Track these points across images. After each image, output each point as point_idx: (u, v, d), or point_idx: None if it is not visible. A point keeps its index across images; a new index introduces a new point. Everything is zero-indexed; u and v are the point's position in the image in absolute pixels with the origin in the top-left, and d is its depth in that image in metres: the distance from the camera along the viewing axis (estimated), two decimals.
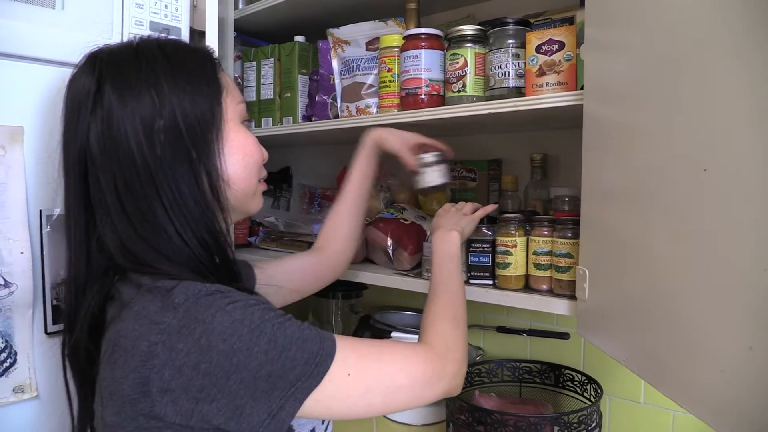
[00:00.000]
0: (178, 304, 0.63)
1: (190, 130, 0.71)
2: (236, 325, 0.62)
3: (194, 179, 0.72)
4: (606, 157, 0.82)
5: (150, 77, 0.71)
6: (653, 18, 0.70)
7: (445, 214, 1.11)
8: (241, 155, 0.78)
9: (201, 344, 0.60)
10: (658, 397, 1.20)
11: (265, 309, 0.65)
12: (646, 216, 0.71)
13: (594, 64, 0.86)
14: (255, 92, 1.60)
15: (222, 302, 0.64)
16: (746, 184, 0.54)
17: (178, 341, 0.61)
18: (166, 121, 0.70)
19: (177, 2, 1.11)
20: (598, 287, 0.87)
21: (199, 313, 0.62)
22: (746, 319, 0.55)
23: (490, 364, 1.34)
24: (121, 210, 0.70)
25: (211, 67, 0.78)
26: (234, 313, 0.63)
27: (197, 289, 0.65)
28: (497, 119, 1.13)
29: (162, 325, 0.62)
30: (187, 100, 0.72)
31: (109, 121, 0.69)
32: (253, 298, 0.67)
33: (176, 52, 0.75)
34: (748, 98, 0.54)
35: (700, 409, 0.62)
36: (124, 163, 0.69)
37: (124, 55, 0.73)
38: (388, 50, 1.24)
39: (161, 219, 0.70)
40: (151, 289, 0.67)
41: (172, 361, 0.60)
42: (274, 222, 1.64)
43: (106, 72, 0.71)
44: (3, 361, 0.89)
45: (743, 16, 0.55)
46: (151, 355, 0.61)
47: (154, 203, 0.70)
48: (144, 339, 0.62)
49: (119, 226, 0.70)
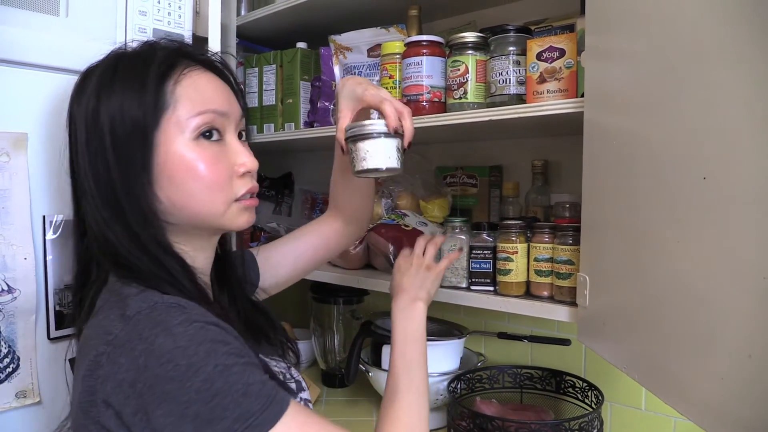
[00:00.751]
0: (129, 316, 0.61)
1: (116, 142, 0.69)
2: (177, 352, 0.58)
3: (110, 187, 0.70)
4: (606, 163, 0.82)
5: (101, 80, 0.71)
6: (653, 26, 0.70)
7: (406, 270, 0.99)
8: (181, 176, 0.71)
9: (139, 363, 0.58)
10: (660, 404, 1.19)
11: (218, 343, 0.60)
12: (646, 224, 0.71)
13: (594, 72, 0.87)
14: (257, 98, 1.61)
15: (173, 321, 0.60)
16: (745, 192, 0.55)
17: (120, 355, 0.59)
18: (98, 126, 0.69)
19: (180, 9, 1.12)
20: (598, 294, 0.87)
21: (144, 329, 0.59)
22: (745, 327, 0.55)
23: (492, 370, 1.34)
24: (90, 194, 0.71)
25: (156, 76, 0.71)
26: (179, 338, 0.59)
27: (153, 300, 0.63)
28: (498, 126, 1.13)
29: (110, 335, 0.61)
30: (116, 107, 0.69)
31: (70, 116, 0.74)
32: (214, 328, 0.62)
33: (136, 57, 0.73)
34: (748, 106, 0.55)
35: (700, 415, 0.62)
36: (83, 151, 0.71)
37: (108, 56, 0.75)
38: (390, 57, 1.24)
39: (93, 207, 0.71)
40: (118, 295, 0.66)
41: (114, 375, 0.59)
42: (276, 227, 1.65)
43: (97, 68, 0.74)
44: (6, 366, 0.89)
45: (743, 23, 0.56)
46: (98, 364, 0.60)
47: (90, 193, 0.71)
48: (94, 348, 0.61)
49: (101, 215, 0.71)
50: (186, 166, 0.71)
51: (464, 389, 1.30)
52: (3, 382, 0.89)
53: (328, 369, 1.66)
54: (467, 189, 1.43)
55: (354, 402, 1.53)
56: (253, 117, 1.62)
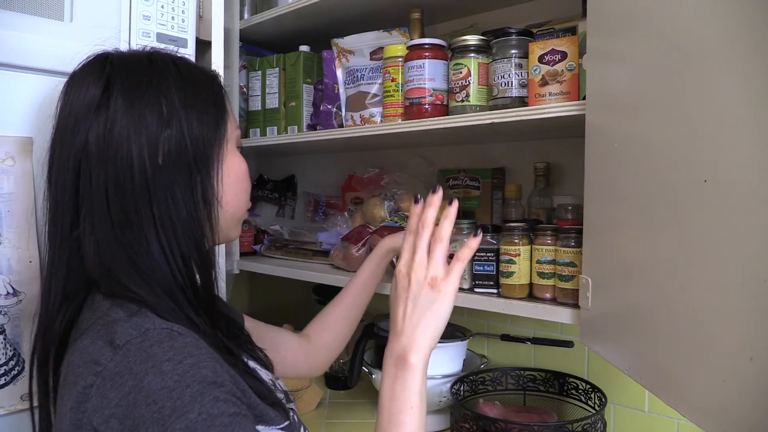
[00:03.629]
0: (119, 345, 0.59)
1: (195, 146, 0.72)
2: (163, 393, 0.56)
3: (190, 193, 0.71)
4: (608, 166, 0.83)
5: (161, 88, 0.71)
6: (655, 28, 0.70)
7: (402, 290, 0.82)
8: (235, 179, 0.79)
9: (129, 399, 0.56)
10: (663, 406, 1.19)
11: (209, 386, 0.58)
12: (648, 225, 0.72)
13: (596, 74, 0.87)
14: (260, 101, 1.61)
15: (163, 356, 0.58)
16: (746, 195, 0.55)
17: (110, 389, 0.57)
18: (172, 133, 0.70)
19: (183, 13, 1.12)
20: (601, 296, 0.87)
21: (135, 363, 0.57)
22: (747, 329, 0.55)
23: (494, 372, 1.34)
24: (105, 212, 0.67)
25: (218, 89, 0.79)
26: (167, 378, 0.57)
27: (144, 327, 0.60)
28: (500, 128, 1.14)
29: (99, 366, 0.58)
30: (195, 116, 0.72)
31: (112, 123, 0.68)
32: (206, 365, 0.60)
33: (188, 68, 0.76)
34: (749, 109, 0.55)
35: (702, 417, 0.62)
36: (120, 165, 0.67)
37: (137, 61, 0.73)
38: (393, 60, 1.25)
39: (146, 227, 0.68)
40: (105, 318, 0.63)
41: (102, 409, 0.56)
42: (279, 230, 1.65)
43: (117, 75, 0.71)
44: (11, 369, 0.90)
45: (744, 26, 0.56)
46: (86, 397, 0.58)
47: (143, 209, 0.68)
48: (82, 378, 0.59)
49: (99, 228, 0.68)
50: (238, 169, 0.79)
51: (467, 391, 1.30)
52: (8, 385, 0.89)
53: (332, 371, 1.66)
54: (470, 191, 1.43)
55: (357, 404, 1.53)
56: (256, 120, 1.63)
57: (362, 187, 1.62)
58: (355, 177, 1.68)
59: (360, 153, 1.77)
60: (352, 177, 1.69)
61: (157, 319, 0.63)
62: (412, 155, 1.57)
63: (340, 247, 1.41)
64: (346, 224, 1.52)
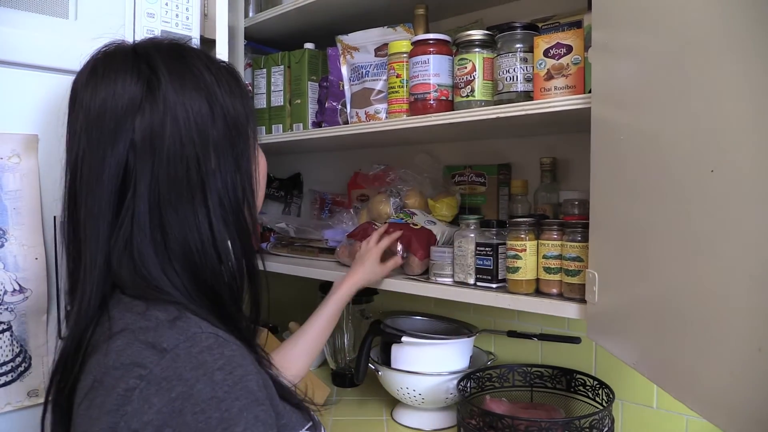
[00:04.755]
0: (166, 349, 0.57)
1: (237, 130, 0.72)
2: (212, 402, 0.55)
3: (238, 179, 0.72)
4: (614, 159, 0.82)
5: (200, 74, 0.70)
6: (660, 21, 0.70)
7: None
8: (263, 173, 0.80)
9: (174, 407, 0.54)
10: (671, 402, 1.19)
11: (254, 402, 0.58)
12: (655, 218, 0.71)
13: (601, 68, 0.86)
14: (265, 99, 1.61)
15: (214, 364, 0.57)
16: (754, 185, 0.54)
17: (155, 394, 0.55)
18: (216, 116, 0.70)
19: (188, 11, 1.12)
20: (607, 290, 0.86)
21: (185, 369, 0.56)
22: (755, 321, 0.55)
23: (501, 368, 1.34)
24: (153, 207, 0.65)
25: (242, 81, 0.77)
26: (218, 388, 0.55)
27: (191, 331, 0.59)
28: (506, 123, 1.13)
29: (144, 369, 0.56)
30: (231, 107, 0.72)
31: (163, 114, 0.66)
32: (253, 377, 0.59)
33: (212, 58, 0.76)
34: (755, 99, 0.54)
35: (710, 411, 0.61)
36: (173, 156, 0.66)
37: (168, 50, 0.71)
38: (397, 56, 1.24)
39: (199, 215, 0.67)
40: (143, 320, 0.61)
41: (142, 414, 0.54)
42: (285, 228, 1.65)
43: (157, 64, 0.68)
44: (18, 365, 0.90)
45: (749, 19, 0.55)
46: (127, 400, 0.55)
47: (197, 198, 0.67)
48: (123, 381, 0.56)
49: (139, 228, 0.65)
50: (264, 165, 0.81)
51: (474, 388, 1.29)
52: (15, 381, 0.90)
53: (338, 368, 1.66)
54: (476, 187, 1.42)
55: (364, 401, 1.53)
56: (261, 118, 1.63)
57: (368, 184, 1.62)
58: (360, 174, 1.68)
59: (365, 150, 1.77)
60: (358, 174, 1.69)
61: (202, 322, 0.61)
62: (418, 152, 1.57)
63: (346, 244, 1.41)
64: (351, 221, 1.52)
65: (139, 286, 0.65)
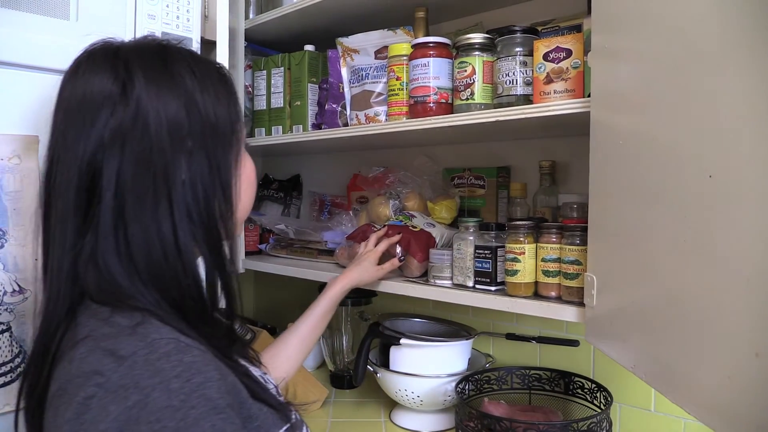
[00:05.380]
0: (124, 356, 0.56)
1: (214, 136, 0.69)
2: (168, 411, 0.53)
3: (212, 186, 0.69)
4: (613, 163, 0.82)
5: (179, 74, 0.68)
6: (659, 25, 0.70)
7: None
8: (248, 183, 0.77)
9: (130, 415, 0.53)
10: (669, 405, 1.19)
11: (211, 410, 0.56)
12: (653, 223, 0.71)
13: (601, 72, 0.87)
14: (265, 101, 1.62)
15: (171, 372, 0.55)
16: (751, 190, 0.54)
17: (112, 402, 0.54)
18: (193, 123, 0.67)
19: (188, 13, 1.13)
20: (606, 294, 0.87)
21: (142, 377, 0.54)
22: (752, 325, 0.55)
23: (500, 371, 1.34)
24: (117, 206, 0.64)
25: (230, 83, 0.75)
26: (173, 396, 0.54)
27: (150, 337, 0.58)
28: (505, 127, 1.13)
29: (102, 377, 0.55)
30: (212, 113, 0.69)
31: (135, 115, 0.64)
32: (213, 383, 0.57)
33: (199, 59, 0.73)
34: (754, 105, 0.54)
35: (707, 415, 0.62)
36: (140, 156, 0.64)
37: (149, 48, 0.70)
38: (397, 59, 1.25)
39: (162, 219, 0.65)
40: (106, 326, 0.60)
41: (99, 422, 0.53)
42: (285, 229, 1.65)
43: (133, 67, 0.66)
44: (17, 366, 0.90)
45: (748, 23, 0.55)
46: (86, 408, 0.54)
47: (161, 200, 0.65)
48: (82, 389, 0.55)
49: (104, 230, 0.64)
50: (251, 172, 0.78)
51: (472, 390, 1.30)
52: (15, 382, 0.90)
53: (337, 370, 1.66)
54: (475, 190, 1.43)
55: (362, 403, 1.53)
56: (261, 119, 1.63)
57: (367, 186, 1.62)
58: (360, 176, 1.68)
59: (365, 152, 1.77)
60: (357, 176, 1.70)
61: (163, 327, 0.60)
62: (417, 154, 1.57)
63: (345, 246, 1.41)
64: (351, 223, 1.53)
65: (105, 293, 0.64)
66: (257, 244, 1.74)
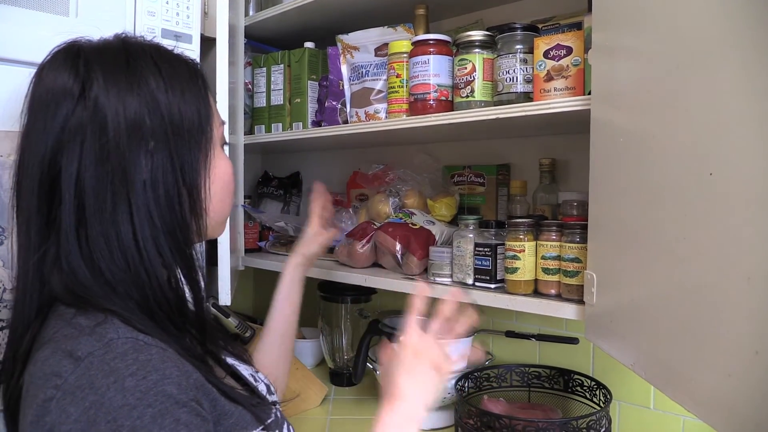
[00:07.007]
0: (81, 357, 0.56)
1: (178, 136, 0.67)
2: (124, 410, 0.53)
3: (175, 187, 0.67)
4: (613, 161, 0.82)
5: (139, 71, 0.67)
6: (660, 23, 0.70)
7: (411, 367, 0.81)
8: (221, 185, 0.74)
9: (89, 415, 0.53)
10: (668, 403, 1.19)
11: (172, 406, 0.56)
12: (653, 220, 0.71)
13: (601, 69, 0.86)
14: (265, 98, 1.61)
15: (126, 370, 0.55)
16: (752, 188, 0.54)
17: (70, 403, 0.54)
18: (154, 123, 0.66)
19: (188, 10, 1.13)
20: (605, 292, 0.87)
21: (97, 378, 0.54)
22: (752, 323, 0.55)
23: (499, 368, 1.34)
24: (77, 205, 0.63)
25: (201, 81, 0.73)
26: (129, 395, 0.54)
27: (108, 337, 0.57)
28: (505, 124, 1.13)
29: (59, 379, 0.55)
30: (177, 113, 0.68)
31: (93, 114, 0.63)
32: (171, 380, 0.57)
33: (164, 54, 0.71)
34: (754, 102, 0.54)
35: (707, 412, 0.62)
36: (99, 156, 0.63)
37: (110, 46, 0.69)
38: (397, 56, 1.25)
39: (121, 219, 0.63)
40: (68, 327, 0.60)
41: (60, 425, 0.53)
42: (284, 227, 1.65)
43: (93, 66, 0.66)
44: None
45: (749, 22, 0.55)
46: (46, 411, 0.54)
47: (120, 200, 0.63)
48: (42, 391, 0.56)
49: (67, 231, 0.63)
50: (224, 172, 0.75)
51: (472, 388, 1.30)
52: None
53: (336, 368, 1.67)
54: (475, 188, 1.43)
55: (361, 401, 1.53)
56: (261, 116, 1.63)
57: (367, 183, 1.62)
58: (359, 173, 1.68)
59: (365, 149, 1.77)
60: (357, 173, 1.70)
61: (123, 327, 0.59)
62: (417, 151, 1.57)
63: (345, 243, 1.41)
64: (351, 221, 1.52)
65: (72, 295, 0.63)
66: (257, 242, 1.73)
